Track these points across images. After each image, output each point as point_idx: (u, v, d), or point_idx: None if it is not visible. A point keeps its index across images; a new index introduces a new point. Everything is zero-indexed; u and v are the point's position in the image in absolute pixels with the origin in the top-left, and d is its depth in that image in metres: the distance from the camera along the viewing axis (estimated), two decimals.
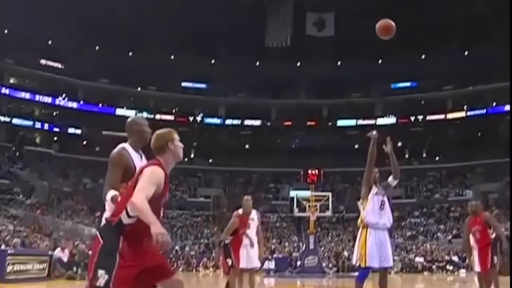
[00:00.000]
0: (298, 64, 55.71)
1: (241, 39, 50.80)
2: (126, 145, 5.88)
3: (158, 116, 55.60)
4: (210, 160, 56.05)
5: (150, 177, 4.74)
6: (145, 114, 55.81)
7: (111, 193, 5.37)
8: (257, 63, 55.66)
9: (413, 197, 52.39)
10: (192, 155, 55.25)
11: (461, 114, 55.39)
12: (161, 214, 4.95)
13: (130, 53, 54.09)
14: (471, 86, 54.50)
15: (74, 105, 55.39)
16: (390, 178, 8.69)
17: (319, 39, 47.73)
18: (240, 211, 10.83)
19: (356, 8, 43.65)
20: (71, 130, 55.63)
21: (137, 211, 4.49)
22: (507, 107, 51.65)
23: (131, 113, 55.67)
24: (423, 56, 53.37)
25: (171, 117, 56.12)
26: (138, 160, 5.67)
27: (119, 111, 55.80)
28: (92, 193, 46.09)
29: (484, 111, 54.10)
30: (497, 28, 47.18)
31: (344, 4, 41.70)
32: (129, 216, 4.64)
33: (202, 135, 56.35)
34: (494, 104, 54.01)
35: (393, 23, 7.45)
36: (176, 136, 5.21)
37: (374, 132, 8.67)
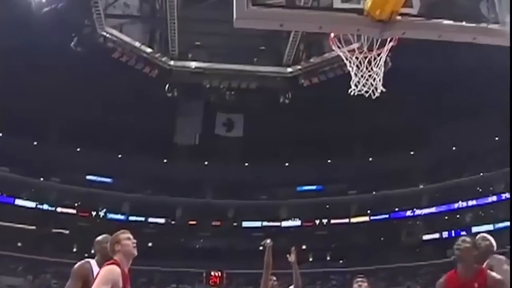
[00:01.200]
0: (206, 163, 55.77)
1: (149, 135, 50.56)
2: (91, 261, 6.62)
3: (59, 209, 54.03)
4: None
5: (104, 276, 5.18)
6: (46, 207, 54.17)
7: None
8: (165, 160, 55.33)
9: None
10: (92, 251, 53.35)
11: (365, 218, 56.41)
12: None
13: (35, 143, 52.71)
14: (374, 191, 55.84)
15: None
16: None
17: (227, 139, 47.98)
18: None
19: (266, 112, 44.32)
20: None
21: None
22: (409, 213, 53.62)
23: (31, 205, 53.80)
24: (328, 161, 54.57)
25: (73, 211, 54.62)
26: None
27: (19, 202, 53.68)
28: None
29: (387, 216, 55.33)
30: (399, 138, 49.13)
31: (253, 106, 42.34)
32: None
33: (104, 231, 54.33)
34: (397, 209, 55.45)
35: None
36: (122, 236, 5.65)
37: (268, 241, 8.57)
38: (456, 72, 40.00)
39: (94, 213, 56.15)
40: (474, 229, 51.56)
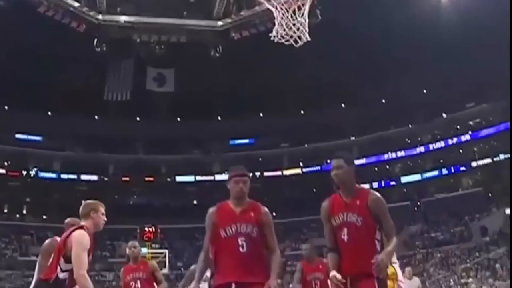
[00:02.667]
0: (138, 119, 55.32)
1: (79, 92, 49.63)
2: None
3: None
4: (44, 217, 53.49)
5: (82, 244, 5.46)
6: None
7: None
8: (96, 117, 54.61)
9: None
10: (24, 211, 52.79)
11: (297, 170, 57.23)
12: None
13: None
14: (306, 144, 56.59)
15: None
16: None
17: (159, 94, 47.63)
18: None
19: (197, 66, 44.07)
20: None
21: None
22: None
23: None
24: (260, 114, 54.90)
25: (2, 171, 53.43)
26: None
27: None
28: None
29: (319, 168, 56.14)
30: (330, 92, 49.86)
31: (184, 60, 42.05)
32: (62, 271, 5.36)
33: (36, 190, 53.92)
34: (328, 161, 56.38)
35: None
36: (101, 209, 6.00)
37: None
38: (386, 26, 40.58)
39: (24, 173, 55.07)
40: (403, 179, 53.36)
